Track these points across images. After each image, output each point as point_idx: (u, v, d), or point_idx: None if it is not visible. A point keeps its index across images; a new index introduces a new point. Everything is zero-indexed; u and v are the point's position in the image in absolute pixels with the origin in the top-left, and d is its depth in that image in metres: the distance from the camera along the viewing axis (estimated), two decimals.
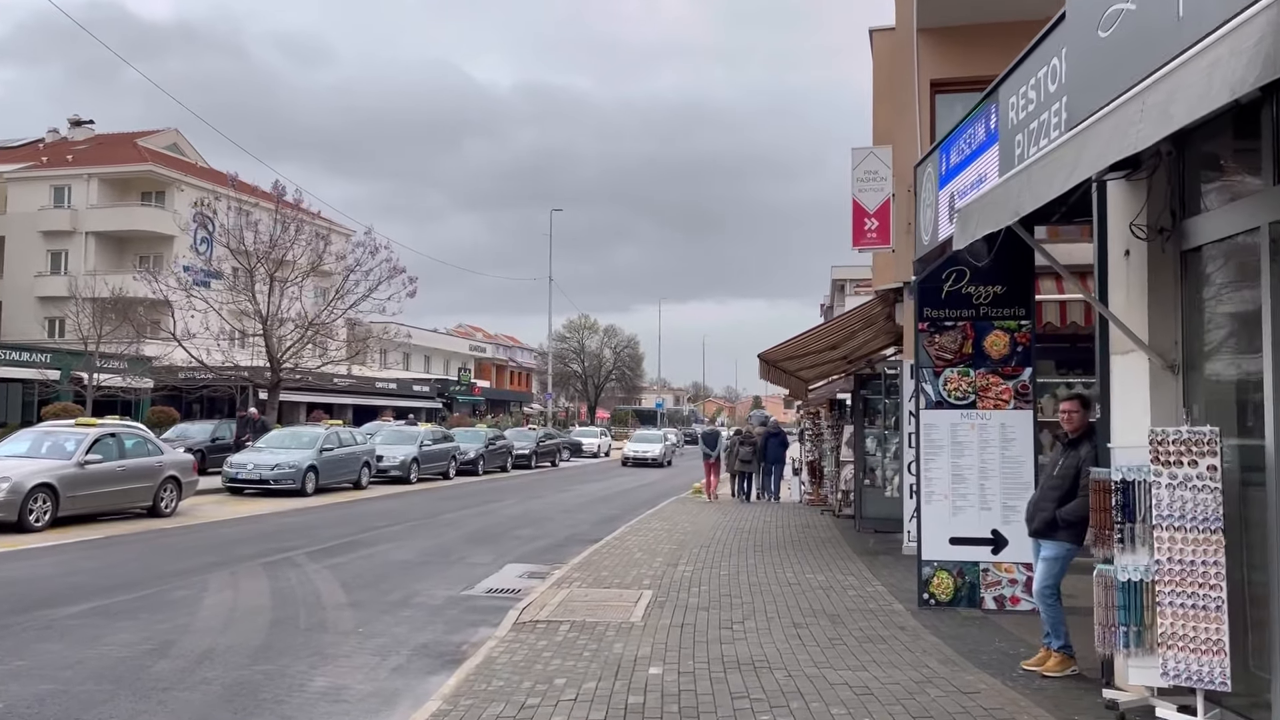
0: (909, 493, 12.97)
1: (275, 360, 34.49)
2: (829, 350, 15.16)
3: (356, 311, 40.33)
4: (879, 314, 14.37)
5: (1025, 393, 9.36)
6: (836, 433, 19.24)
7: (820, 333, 13.59)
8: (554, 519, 19.57)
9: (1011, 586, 9.25)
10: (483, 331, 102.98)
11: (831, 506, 19.64)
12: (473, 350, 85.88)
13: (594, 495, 26.16)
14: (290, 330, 35.47)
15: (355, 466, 24.83)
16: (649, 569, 12.23)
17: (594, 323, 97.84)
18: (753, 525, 17.36)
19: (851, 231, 13.67)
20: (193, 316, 34.83)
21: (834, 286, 74.92)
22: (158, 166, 53.25)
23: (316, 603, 10.23)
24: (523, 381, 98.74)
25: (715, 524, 17.53)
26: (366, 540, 15.45)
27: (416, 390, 63.34)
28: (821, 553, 13.62)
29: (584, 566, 12.53)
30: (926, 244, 11.08)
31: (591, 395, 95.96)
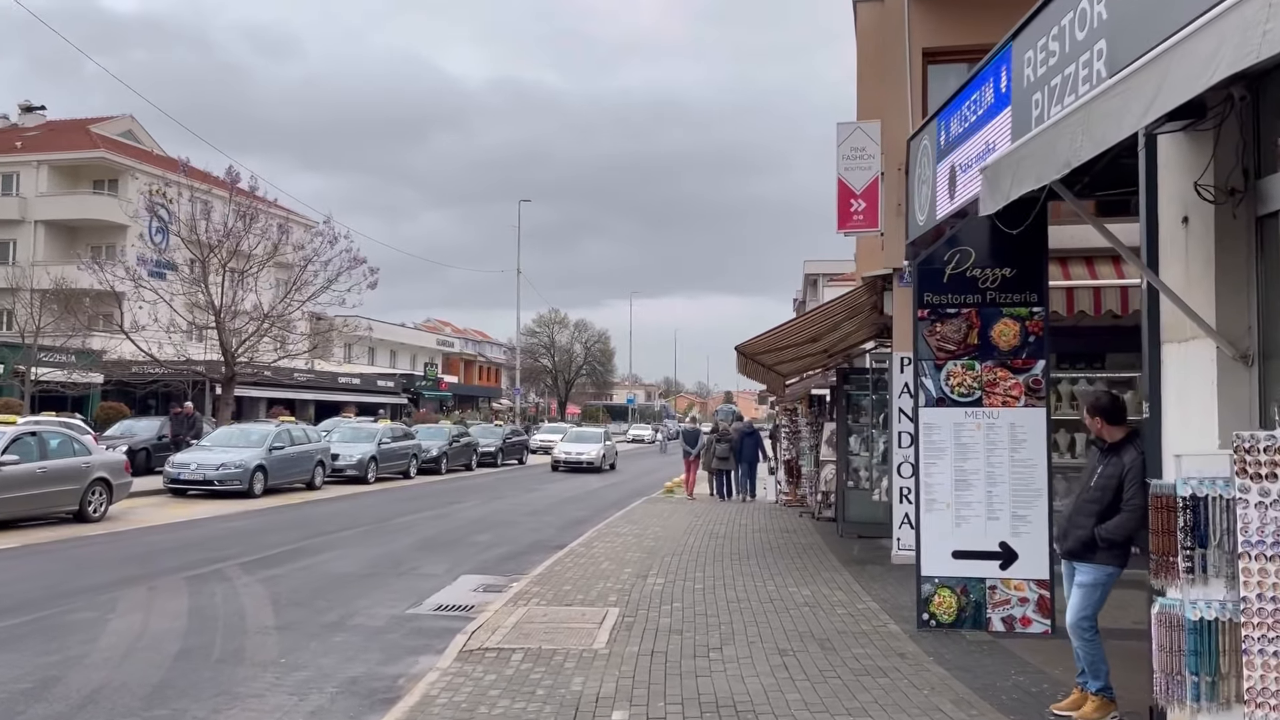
0: (899, 496, 11.97)
1: (229, 354, 33.06)
2: (809, 343, 14.15)
3: (316, 304, 38.99)
4: (864, 303, 13.35)
5: (1038, 388, 8.34)
6: (816, 430, 18.22)
7: (801, 324, 12.56)
8: (517, 523, 18.42)
9: (1022, 606, 8.23)
10: (451, 326, 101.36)
11: (811, 508, 18.64)
12: (440, 345, 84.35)
13: (561, 495, 25.03)
14: (245, 323, 34.03)
15: (308, 466, 23.53)
16: (616, 581, 11.13)
17: (564, 317, 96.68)
18: (728, 529, 16.31)
19: (837, 213, 12.62)
20: (141, 308, 33.29)
21: (806, 280, 74.09)
22: (110, 153, 51.38)
23: (238, 626, 9.03)
24: (492, 377, 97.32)
25: (688, 528, 16.46)
26: (311, 548, 14.23)
27: (381, 385, 61.81)
28: (804, 561, 12.58)
29: (545, 579, 11.41)
30: (922, 224, 10.04)
31: (562, 391, 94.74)
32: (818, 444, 17.99)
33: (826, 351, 16.65)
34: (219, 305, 32.90)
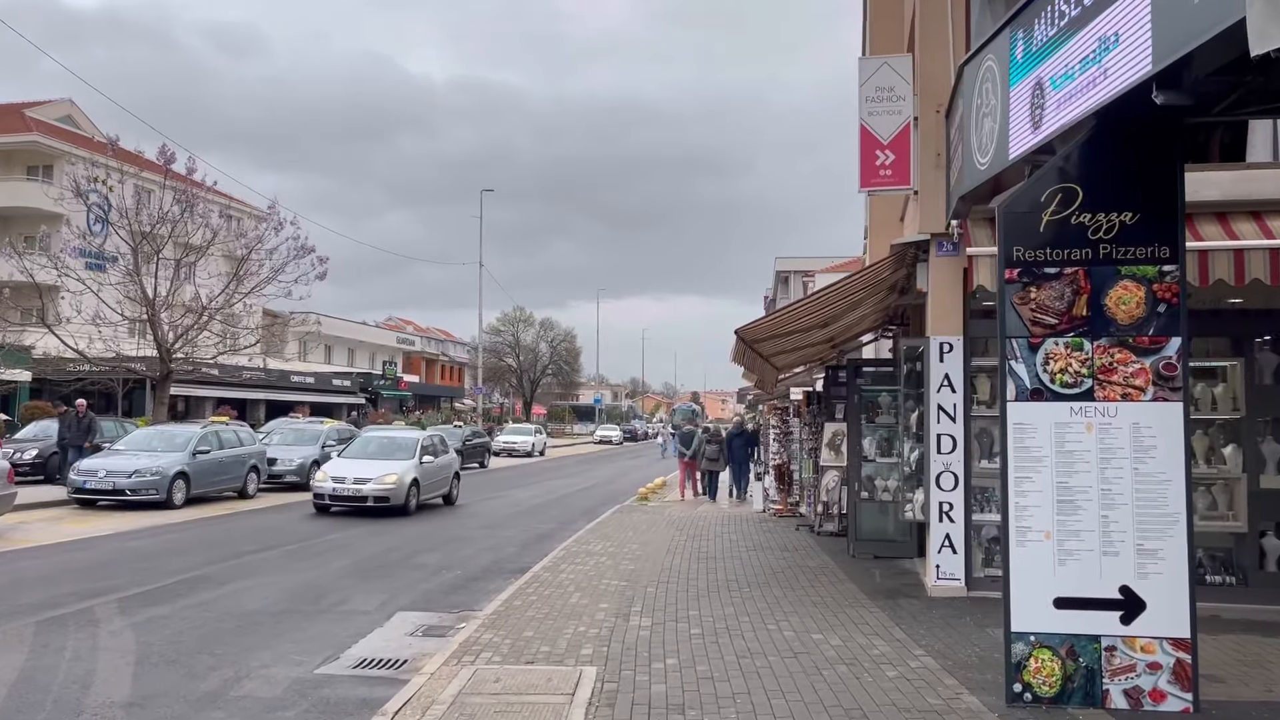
0: (938, 513, 9.73)
1: (164, 349, 30.27)
2: (818, 329, 11.96)
3: (260, 295, 36.24)
4: (885, 281, 11.12)
5: (1172, 375, 6.13)
6: (815, 431, 15.99)
7: (812, 304, 10.33)
8: (472, 538, 16.01)
9: (1152, 674, 6.01)
10: (414, 325, 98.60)
11: (808, 521, 16.40)
12: (401, 343, 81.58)
13: (524, 504, 22.62)
14: (181, 316, 31.23)
15: (239, 472, 20.94)
16: (591, 622, 8.81)
17: (529, 316, 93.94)
18: (718, 547, 14.02)
19: (859, 168, 10.39)
20: (64, 299, 30.41)
21: (778, 278, 72.21)
22: (44, 137, 48.20)
23: (71, 705, 6.59)
24: (455, 376, 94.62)
25: (670, 544, 14.16)
26: (218, 575, 11.75)
27: (337, 385, 58.90)
28: (819, 592, 10.32)
29: (501, 618, 9.06)
30: (985, 167, 7.79)
31: (527, 391, 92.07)
32: (817, 447, 15.75)
33: (831, 341, 14.45)
34: (151, 297, 30.11)
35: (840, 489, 15.08)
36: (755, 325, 10.50)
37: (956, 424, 9.78)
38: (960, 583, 9.73)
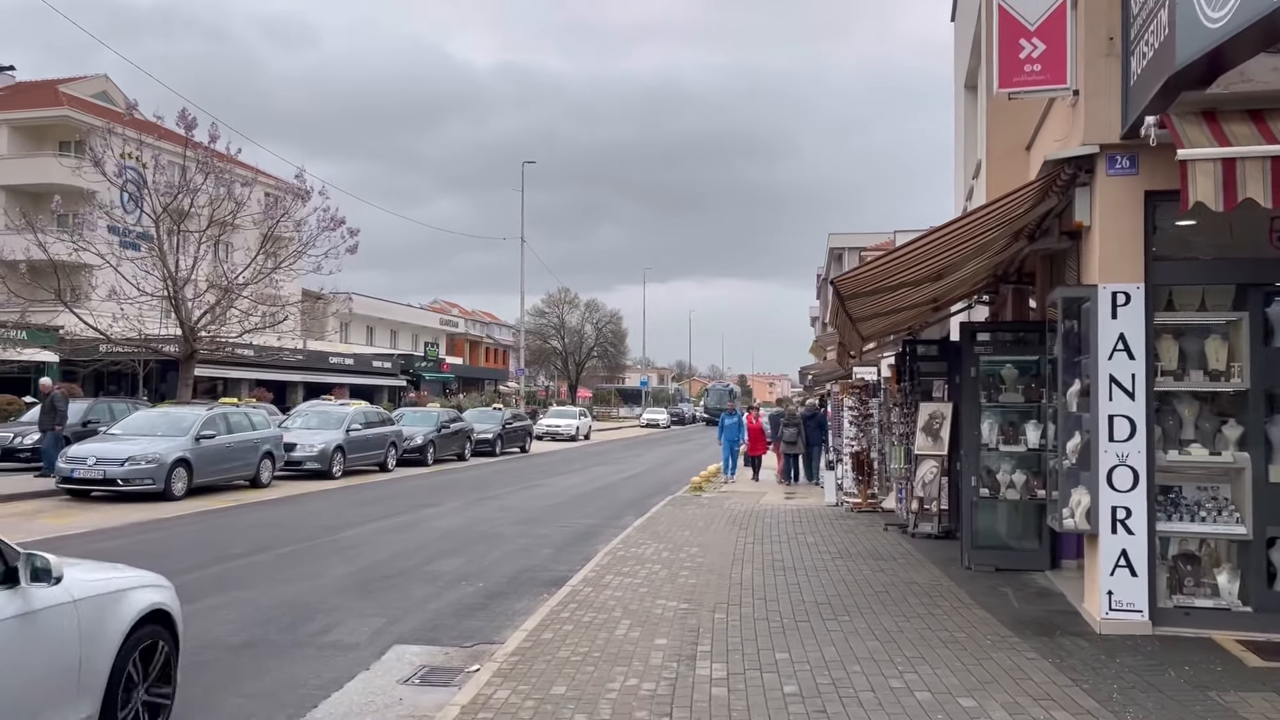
0: (1111, 522, 7.22)
1: (188, 329, 28.48)
2: (929, 283, 9.47)
3: (290, 272, 34.45)
4: (1020, 216, 8.57)
5: None
6: (908, 413, 13.47)
7: (938, 245, 7.81)
8: (502, 536, 13.76)
9: None
10: (459, 308, 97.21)
11: (899, 519, 13.90)
12: (444, 325, 79.95)
13: (565, 493, 20.36)
14: (204, 291, 29.38)
15: (251, 459, 18.93)
16: (644, 670, 6.47)
17: (574, 297, 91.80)
18: (795, 552, 11.61)
19: (997, 63, 7.85)
20: (84, 275, 28.76)
21: (831, 255, 69.29)
22: (75, 112, 46.79)
23: None
24: (499, 359, 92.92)
25: (737, 548, 11.78)
26: (186, 590, 9.50)
27: (377, 367, 57.25)
28: (942, 621, 7.86)
29: (525, 661, 6.75)
30: (1222, 23, 5.29)
31: (572, 373, 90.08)
32: (910, 432, 13.25)
33: (934, 303, 11.90)
34: (174, 274, 28.28)
35: (939, 482, 12.59)
36: (857, 274, 8.04)
37: (1136, 402, 7.26)
38: (1143, 615, 7.23)
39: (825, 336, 31.15)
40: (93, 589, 4.96)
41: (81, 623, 4.74)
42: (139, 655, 5.17)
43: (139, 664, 5.18)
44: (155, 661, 5.36)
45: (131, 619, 5.12)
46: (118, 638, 5.00)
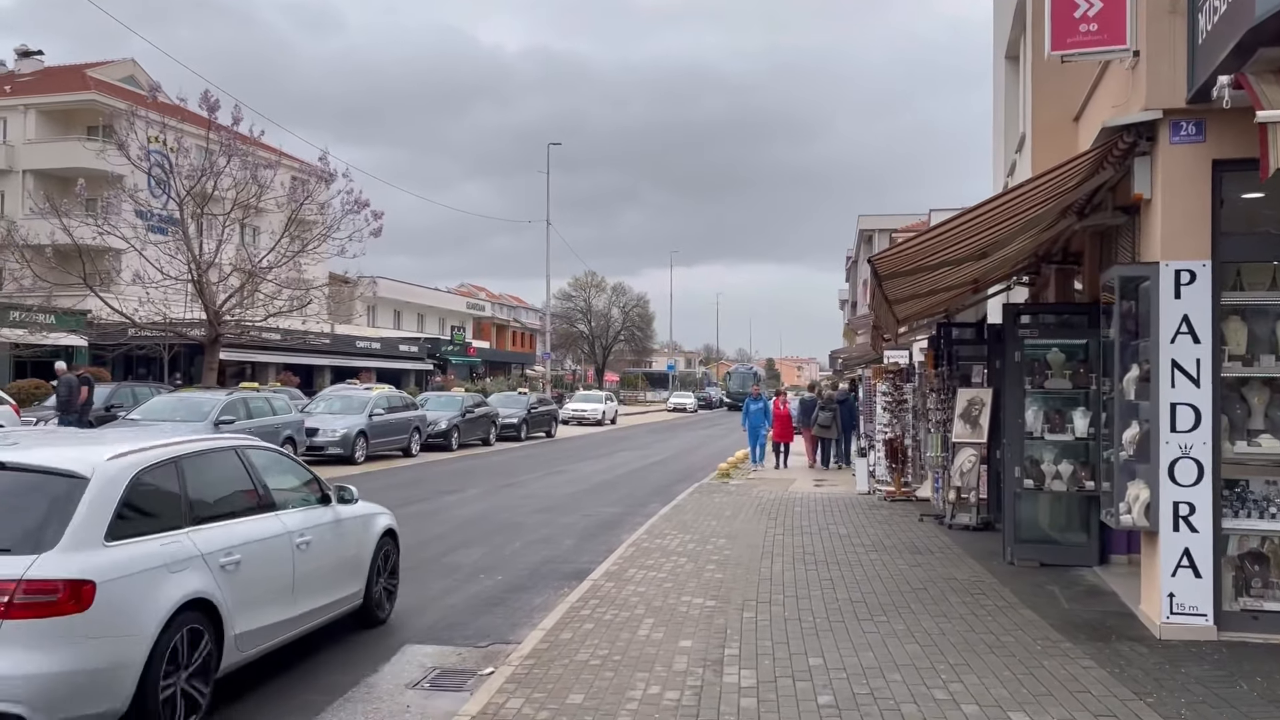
0: (1173, 518, 6.69)
1: (213, 313, 28.33)
2: (972, 261, 8.92)
3: (315, 255, 34.27)
4: (1072, 189, 8.00)
5: None
6: (945, 399, 12.92)
7: (986, 220, 7.25)
8: (524, 525, 13.37)
9: None
10: (486, 292, 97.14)
11: (935, 510, 13.37)
12: (471, 309, 79.75)
13: (590, 480, 19.96)
14: (229, 275, 29.20)
15: (275, 444, 18.60)
16: (668, 677, 6.03)
17: (601, 280, 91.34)
18: (827, 544, 11.12)
19: (1049, 24, 7.27)
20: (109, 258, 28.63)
21: (861, 237, 68.34)
22: (102, 96, 46.77)
23: None
24: (526, 343, 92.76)
25: (766, 539, 11.31)
26: None
27: (404, 351, 57.13)
28: (986, 623, 7.36)
29: (542, 664, 6.34)
30: None
31: (599, 357, 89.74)
32: (948, 419, 12.70)
33: (975, 284, 11.34)
34: (198, 256, 28.10)
35: (978, 471, 12.05)
36: (897, 252, 7.50)
37: (1201, 389, 6.70)
38: (1207, 620, 6.69)
39: (857, 319, 30.55)
40: (364, 511, 7.78)
41: (359, 531, 7.60)
42: (381, 556, 7.89)
43: (381, 561, 7.89)
44: (390, 561, 8.12)
45: (379, 532, 7.90)
46: (373, 543, 7.77)
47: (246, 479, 6.40)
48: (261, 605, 6.02)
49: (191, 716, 5.31)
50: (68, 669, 4.62)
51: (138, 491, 5.33)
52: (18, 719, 4.48)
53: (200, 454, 6.10)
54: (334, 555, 7.01)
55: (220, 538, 5.75)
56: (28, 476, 5.18)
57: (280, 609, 6.26)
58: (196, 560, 5.45)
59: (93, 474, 5.14)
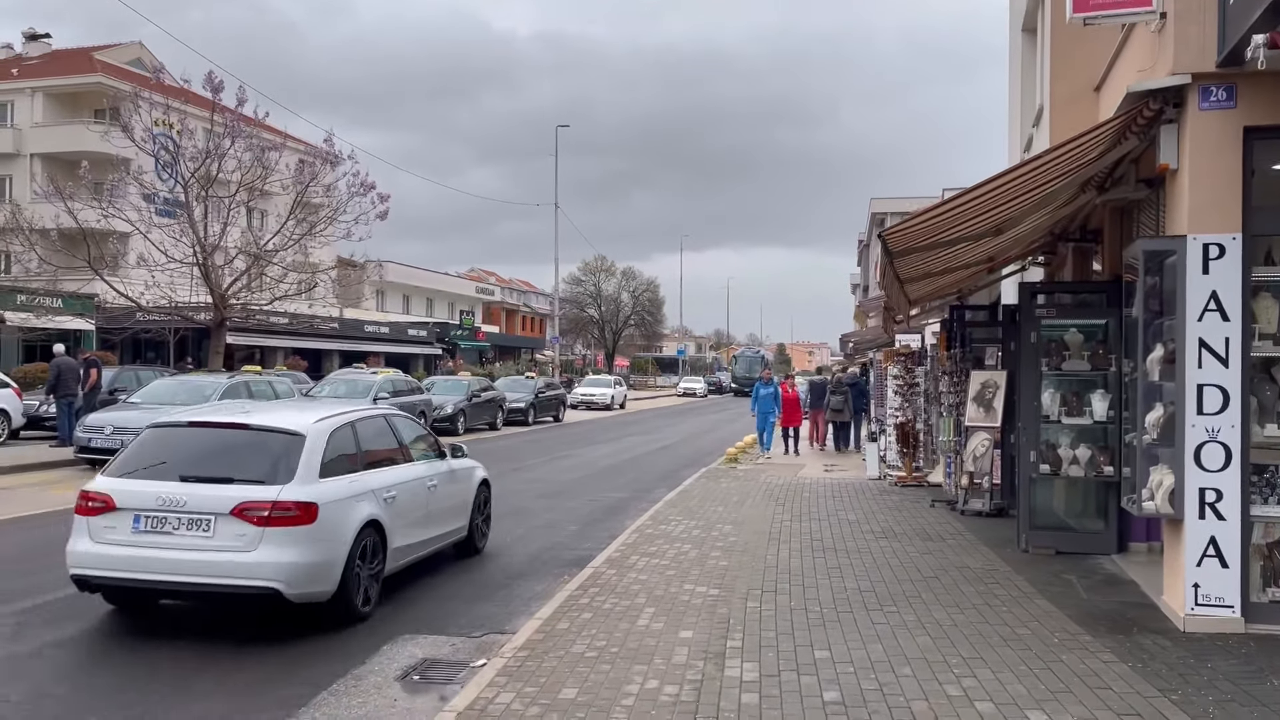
0: (1199, 505, 6.37)
1: (219, 296, 28.13)
2: (989, 237, 8.57)
3: (320, 238, 34.07)
4: (1094, 160, 7.65)
5: None
6: (958, 382, 12.58)
7: (1004, 192, 6.91)
8: (527, 510, 13.11)
9: None
10: (496, 276, 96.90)
11: (946, 495, 13.06)
12: (480, 293, 79.56)
13: (596, 465, 19.70)
14: (234, 258, 28.96)
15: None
16: (667, 671, 5.76)
17: (611, 265, 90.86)
18: (835, 530, 10.83)
19: None
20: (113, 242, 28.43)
21: (873, 220, 67.79)
22: (109, 78, 46.51)
23: None
24: (536, 327, 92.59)
25: (773, 525, 11.02)
26: None
27: (412, 335, 56.95)
28: (1000, 614, 7.06)
29: (536, 656, 6.08)
30: None
31: (609, 342, 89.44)
32: (961, 402, 12.37)
33: (990, 262, 10.98)
34: (203, 239, 27.87)
35: (991, 456, 11.72)
36: (909, 227, 7.16)
37: (1229, 369, 6.36)
38: (1234, 611, 6.38)
39: (868, 301, 30.17)
40: (468, 465, 9.84)
41: (465, 479, 9.66)
42: (479, 500, 9.97)
43: (479, 504, 9.95)
44: (485, 504, 10.23)
45: (478, 481, 10.00)
46: (474, 490, 9.84)
47: (393, 438, 8.53)
48: (408, 529, 8.14)
49: (366, 605, 7.35)
50: (304, 560, 6.72)
51: (333, 445, 7.40)
52: (277, 593, 6.65)
53: (365, 418, 8.26)
54: (451, 496, 9.15)
55: (381, 479, 7.86)
56: (266, 434, 7.30)
57: (419, 532, 8.41)
58: (370, 494, 7.55)
59: (307, 432, 7.24)
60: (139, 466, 7.10)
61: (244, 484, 6.84)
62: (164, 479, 6.86)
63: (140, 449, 7.31)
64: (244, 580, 6.59)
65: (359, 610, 7.21)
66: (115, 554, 6.69)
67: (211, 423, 7.59)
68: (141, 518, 6.72)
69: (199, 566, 6.58)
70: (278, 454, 7.03)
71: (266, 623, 7.16)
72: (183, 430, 7.53)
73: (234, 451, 7.21)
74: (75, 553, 6.83)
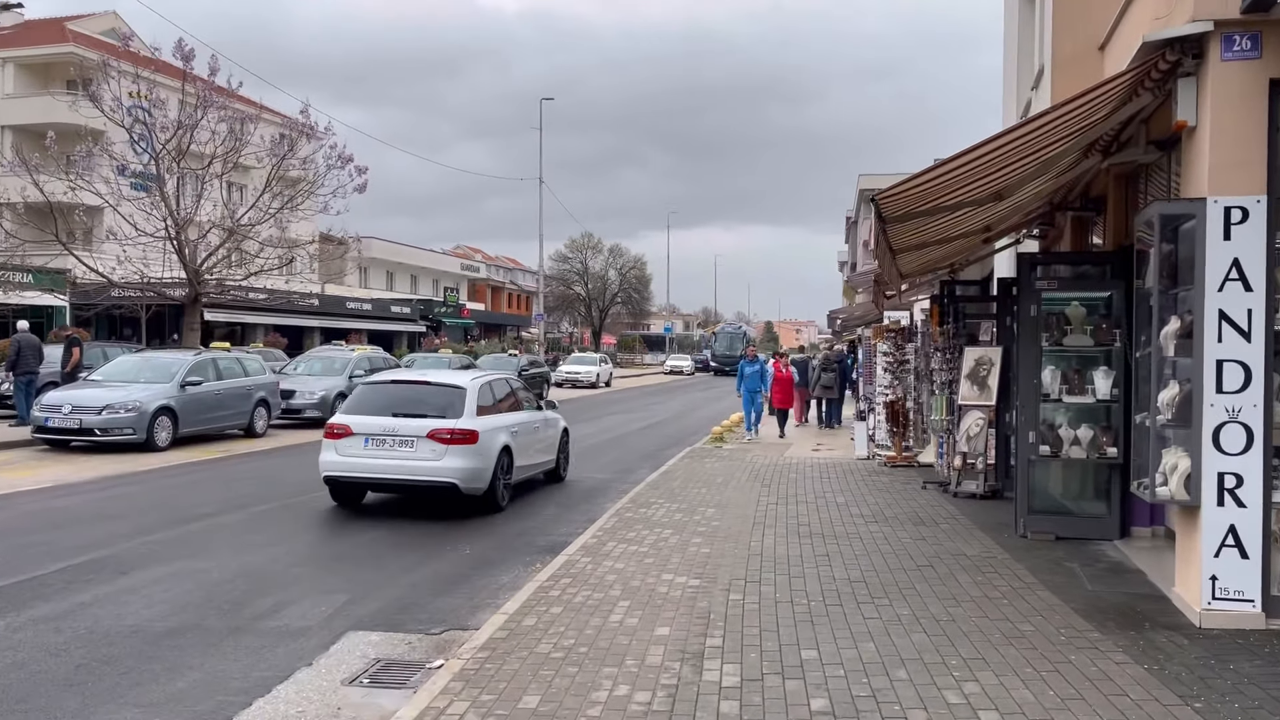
0: (1216, 491, 5.88)
1: (193, 271, 27.42)
2: (989, 204, 8.01)
3: (297, 211, 33.33)
4: (1106, 118, 7.11)
5: None
6: (951, 358, 12.08)
7: (998, 156, 6.36)
8: None
9: None
10: (483, 253, 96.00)
11: (938, 477, 12.58)
12: (465, 270, 78.68)
13: (577, 444, 19.01)
14: (206, 233, 28.19)
15: (245, 406, 17.84)
16: (640, 674, 5.25)
17: (598, 242, 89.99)
18: (824, 514, 10.33)
19: None
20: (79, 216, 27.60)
21: (861, 197, 67.00)
22: (81, 48, 45.37)
23: None
24: (522, 305, 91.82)
25: (758, 509, 10.52)
26: (128, 558, 8.46)
27: (396, 312, 56.18)
28: (1002, 608, 6.56)
29: (498, 656, 5.56)
30: None
31: (596, 319, 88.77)
32: (954, 379, 11.87)
33: (987, 231, 10.43)
34: (175, 212, 27.10)
35: (986, 436, 11.24)
36: (903, 191, 6.58)
37: (1252, 344, 5.86)
38: (1254, 606, 5.90)
39: (857, 276, 29.56)
40: (556, 415, 13.45)
41: (555, 426, 13.27)
42: (563, 442, 13.58)
43: (563, 444, 13.55)
44: (566, 446, 13.74)
45: (562, 429, 13.56)
46: (559, 434, 13.40)
47: (512, 394, 12.16)
48: (525, 454, 11.60)
49: (504, 501, 10.98)
50: (471, 466, 10.25)
51: (481, 395, 10.94)
52: (455, 487, 10.24)
53: (497, 380, 12.02)
54: (547, 437, 12.76)
55: (509, 419, 11.36)
56: (442, 387, 11.07)
57: (530, 458, 11.95)
58: (504, 428, 11.00)
59: (466, 386, 10.91)
60: (362, 408, 10.87)
61: (433, 418, 10.43)
62: (381, 414, 10.59)
63: (360, 396, 11.29)
64: (435, 478, 10.31)
65: (500, 504, 10.89)
66: (352, 462, 10.45)
67: (406, 380, 11.81)
68: (369, 440, 10.42)
69: (406, 469, 10.36)
70: (451, 399, 10.72)
71: (241, 605, 6.61)
72: (387, 385, 11.53)
73: (423, 398, 10.88)
74: (326, 462, 10.60)
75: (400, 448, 10.30)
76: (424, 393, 10.94)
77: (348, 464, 10.41)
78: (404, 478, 10.36)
